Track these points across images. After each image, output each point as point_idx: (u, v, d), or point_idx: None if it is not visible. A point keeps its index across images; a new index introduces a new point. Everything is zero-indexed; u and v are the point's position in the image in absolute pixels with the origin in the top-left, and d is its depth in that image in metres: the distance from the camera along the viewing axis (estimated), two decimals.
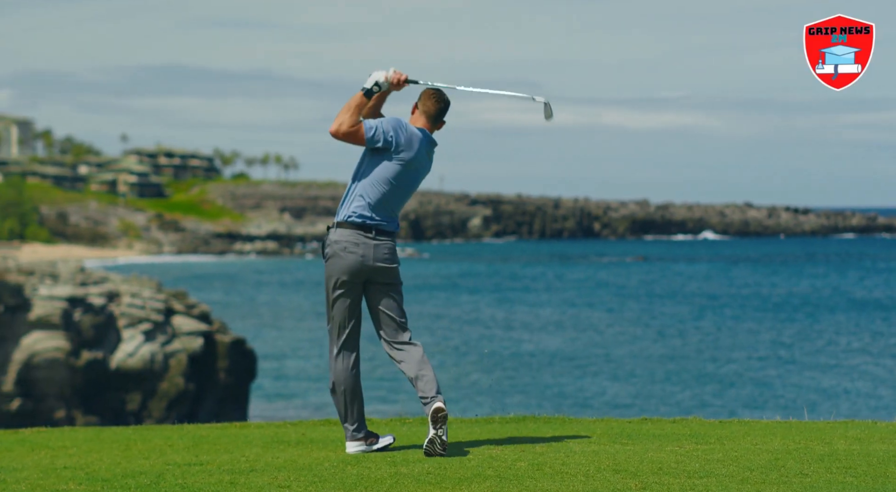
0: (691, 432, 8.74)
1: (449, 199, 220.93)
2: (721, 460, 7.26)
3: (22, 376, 50.54)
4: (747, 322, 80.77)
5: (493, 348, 68.78)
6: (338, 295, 7.86)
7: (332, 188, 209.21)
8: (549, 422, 9.50)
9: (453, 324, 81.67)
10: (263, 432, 9.25)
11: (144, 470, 7.07)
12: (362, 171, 7.95)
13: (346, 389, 7.87)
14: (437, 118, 8.04)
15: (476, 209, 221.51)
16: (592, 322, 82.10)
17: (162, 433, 9.19)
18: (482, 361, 64.21)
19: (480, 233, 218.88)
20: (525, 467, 7.03)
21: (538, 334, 75.49)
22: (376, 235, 7.83)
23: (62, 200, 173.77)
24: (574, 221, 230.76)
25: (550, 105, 8.03)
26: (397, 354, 7.84)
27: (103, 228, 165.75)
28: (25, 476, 6.88)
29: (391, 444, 8.00)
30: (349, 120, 7.78)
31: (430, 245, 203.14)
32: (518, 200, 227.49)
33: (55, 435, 9.27)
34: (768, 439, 8.34)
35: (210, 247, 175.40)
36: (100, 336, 53.01)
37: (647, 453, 7.54)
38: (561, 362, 63.02)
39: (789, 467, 7.04)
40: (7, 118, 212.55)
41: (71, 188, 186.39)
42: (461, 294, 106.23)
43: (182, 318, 55.04)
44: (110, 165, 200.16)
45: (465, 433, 8.75)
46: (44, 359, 50.83)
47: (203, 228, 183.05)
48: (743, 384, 55.53)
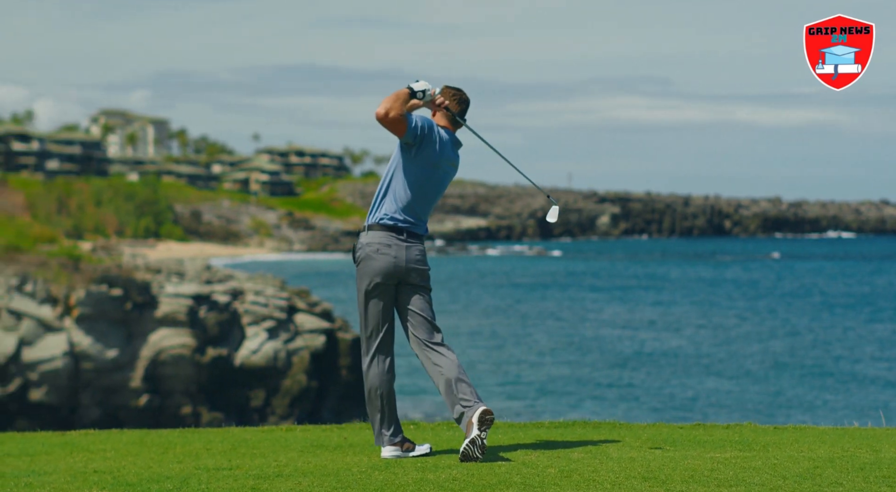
0: (740, 439, 8.64)
1: (577, 196, 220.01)
2: (757, 468, 7.15)
3: (149, 372, 51.69)
4: (886, 324, 78.79)
5: (614, 348, 68.32)
6: (371, 298, 7.87)
7: (459, 187, 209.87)
8: (598, 427, 9.47)
9: (576, 322, 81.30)
10: (306, 435, 9.29)
11: (172, 475, 7.11)
12: (393, 174, 7.95)
13: (382, 393, 7.86)
14: (460, 117, 8.10)
15: (604, 207, 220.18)
16: (719, 322, 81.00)
17: (205, 437, 9.26)
18: (599, 360, 63.82)
19: (609, 231, 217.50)
20: (554, 473, 6.97)
21: (662, 333, 74.78)
22: (407, 237, 7.84)
23: (196, 198, 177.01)
24: (704, 218, 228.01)
25: (558, 210, 8.30)
26: (433, 356, 7.82)
27: (235, 227, 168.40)
28: (52, 480, 6.97)
29: (428, 453, 7.95)
30: (398, 108, 7.76)
31: (557, 243, 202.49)
32: (647, 197, 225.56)
33: (100, 438, 9.40)
34: (816, 446, 8.21)
35: (339, 245, 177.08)
36: (224, 333, 53.96)
37: (684, 461, 7.45)
38: (679, 363, 62.32)
39: (826, 475, 6.91)
40: (144, 118, 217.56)
41: (204, 187, 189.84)
42: (586, 292, 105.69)
43: (304, 315, 55.74)
44: (242, 164, 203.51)
45: (508, 438, 8.73)
46: (170, 355, 51.93)
47: (333, 225, 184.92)
48: (864, 388, 54.31)
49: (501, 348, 68.78)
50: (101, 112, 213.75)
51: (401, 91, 7.84)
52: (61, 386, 50.67)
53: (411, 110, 8.01)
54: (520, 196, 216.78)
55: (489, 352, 67.16)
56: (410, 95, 7.89)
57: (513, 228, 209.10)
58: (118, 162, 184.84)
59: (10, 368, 50.34)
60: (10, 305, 51.37)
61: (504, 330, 76.98)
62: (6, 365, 50.28)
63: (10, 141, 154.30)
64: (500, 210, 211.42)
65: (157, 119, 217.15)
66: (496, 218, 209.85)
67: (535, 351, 67.41)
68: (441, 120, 8.12)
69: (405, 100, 7.84)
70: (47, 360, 50.69)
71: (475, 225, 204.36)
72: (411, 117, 7.82)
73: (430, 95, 8.01)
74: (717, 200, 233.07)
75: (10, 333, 50.89)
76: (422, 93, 7.96)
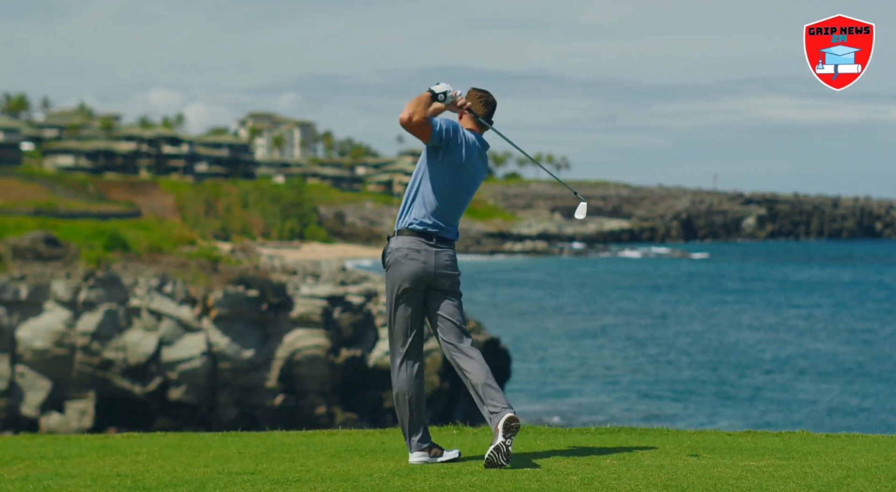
0: (784, 447, 8.43)
1: (722, 198, 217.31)
2: (786, 477, 6.95)
3: (285, 372, 52.47)
4: None
5: (754, 353, 67.23)
6: (400, 303, 7.84)
7: (602, 188, 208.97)
8: (644, 433, 9.33)
9: (715, 325, 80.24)
10: (346, 439, 9.27)
11: (193, 479, 7.12)
12: (421, 179, 7.91)
13: (410, 398, 7.86)
14: (486, 120, 8.05)
15: (750, 208, 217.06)
16: (866, 328, 79.14)
17: (243, 440, 9.29)
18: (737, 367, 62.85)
19: (754, 233, 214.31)
20: (575, 481, 6.87)
21: (804, 339, 73.36)
22: (437, 242, 7.81)
23: (340, 200, 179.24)
24: (854, 220, 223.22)
25: (586, 207, 8.46)
26: (462, 361, 7.78)
27: (378, 228, 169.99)
28: (71, 484, 7.03)
29: (456, 458, 7.91)
30: (421, 112, 7.71)
31: (701, 245, 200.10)
32: (795, 198, 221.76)
33: (140, 441, 9.48)
34: (859, 455, 7.98)
35: (481, 246, 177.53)
36: (358, 334, 54.50)
37: (714, 468, 7.28)
38: (818, 370, 61.07)
39: (854, 485, 6.69)
40: (291, 121, 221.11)
41: (348, 189, 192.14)
42: (726, 294, 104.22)
43: None
44: (386, 166, 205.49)
45: (547, 444, 8.65)
46: (305, 356, 52.64)
47: (475, 227, 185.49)
48: None
49: (639, 349, 68.24)
50: (250, 115, 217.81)
51: (422, 95, 7.81)
52: (199, 386, 51.75)
53: (436, 114, 7.94)
54: (663, 198, 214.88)
55: (627, 353, 66.68)
56: (432, 98, 7.85)
57: (656, 230, 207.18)
58: (265, 164, 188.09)
59: (150, 367, 51.60)
60: (150, 305, 52.64)
61: (642, 332, 76.33)
62: (147, 364, 51.55)
63: (161, 144, 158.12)
64: (644, 212, 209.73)
65: (304, 122, 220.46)
66: (639, 220, 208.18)
67: (672, 354, 66.71)
68: (468, 123, 8.08)
69: (427, 103, 7.78)
70: (186, 359, 51.82)
71: (617, 227, 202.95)
72: (435, 121, 7.79)
73: (452, 97, 7.96)
74: (867, 202, 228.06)
75: (150, 333, 52.15)
76: (443, 95, 7.90)
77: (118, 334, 51.98)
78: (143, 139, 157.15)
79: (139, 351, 51.67)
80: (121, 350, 51.56)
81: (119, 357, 51.42)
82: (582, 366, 63.30)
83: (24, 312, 51.65)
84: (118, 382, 51.30)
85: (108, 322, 51.96)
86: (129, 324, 52.50)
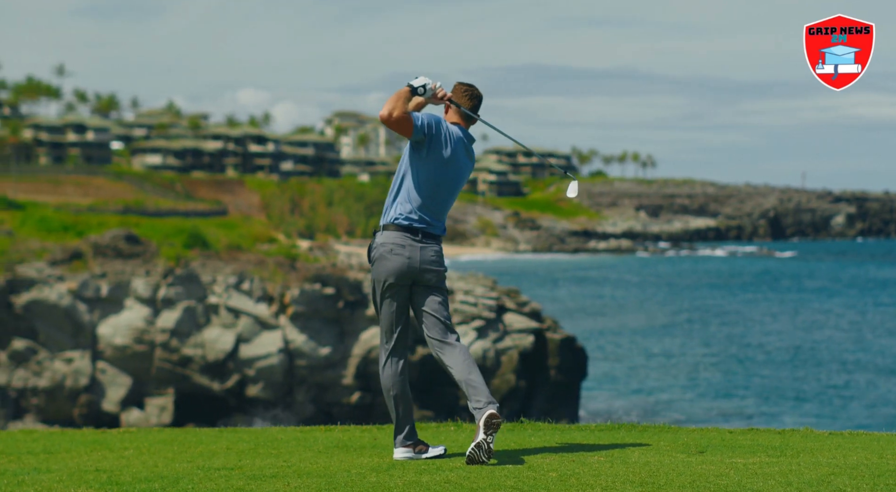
0: (781, 444, 8.32)
1: (810, 196, 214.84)
2: (769, 475, 6.82)
3: (360, 370, 52.76)
4: None
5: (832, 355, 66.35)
6: (385, 298, 7.80)
7: (688, 186, 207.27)
8: (643, 431, 9.26)
9: (798, 324, 79.34)
10: (339, 436, 9.28)
11: (168, 474, 7.08)
12: (405, 174, 7.88)
13: (395, 394, 7.81)
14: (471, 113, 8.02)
15: (839, 207, 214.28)
16: None
17: (236, 436, 9.30)
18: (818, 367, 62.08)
19: (843, 231, 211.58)
20: (553, 477, 6.78)
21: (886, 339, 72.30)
22: (423, 237, 7.78)
23: None
24: None
25: (577, 184, 8.23)
26: (446, 356, 7.70)
27: (462, 226, 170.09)
28: (46, 478, 6.98)
29: (442, 455, 7.88)
30: (401, 107, 7.68)
31: (788, 243, 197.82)
32: (885, 197, 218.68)
33: (133, 436, 9.53)
34: (853, 452, 7.85)
35: (565, 245, 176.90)
36: None
37: (699, 466, 7.17)
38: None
39: (835, 483, 6.54)
40: (376, 119, 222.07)
41: None
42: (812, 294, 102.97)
43: (513, 315, 55.93)
44: None
45: (541, 440, 8.61)
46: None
47: (559, 226, 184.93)
48: None
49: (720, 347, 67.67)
50: (335, 114, 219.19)
51: (401, 90, 7.79)
52: (276, 382, 52.22)
53: (419, 109, 7.94)
54: (750, 196, 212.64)
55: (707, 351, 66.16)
56: (412, 93, 7.84)
57: (743, 229, 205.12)
58: (350, 163, 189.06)
59: (228, 364, 52.19)
60: (228, 302, 53.22)
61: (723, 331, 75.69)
62: (225, 361, 52.14)
63: (248, 143, 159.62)
64: (730, 210, 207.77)
65: None
66: (726, 218, 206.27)
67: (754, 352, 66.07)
68: (453, 116, 8.06)
69: (407, 98, 7.77)
70: (263, 356, 52.32)
71: (704, 225, 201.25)
72: (416, 116, 7.77)
73: (432, 90, 7.94)
74: None
75: (228, 330, 52.74)
76: (422, 88, 7.89)
77: (197, 331, 52.63)
78: (230, 138, 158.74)
79: (217, 348, 52.27)
80: (199, 347, 52.21)
81: (197, 354, 52.06)
82: (661, 364, 62.94)
83: (104, 309, 52.52)
84: (197, 378, 51.95)
85: (187, 319, 52.64)
86: (207, 321, 53.14)
